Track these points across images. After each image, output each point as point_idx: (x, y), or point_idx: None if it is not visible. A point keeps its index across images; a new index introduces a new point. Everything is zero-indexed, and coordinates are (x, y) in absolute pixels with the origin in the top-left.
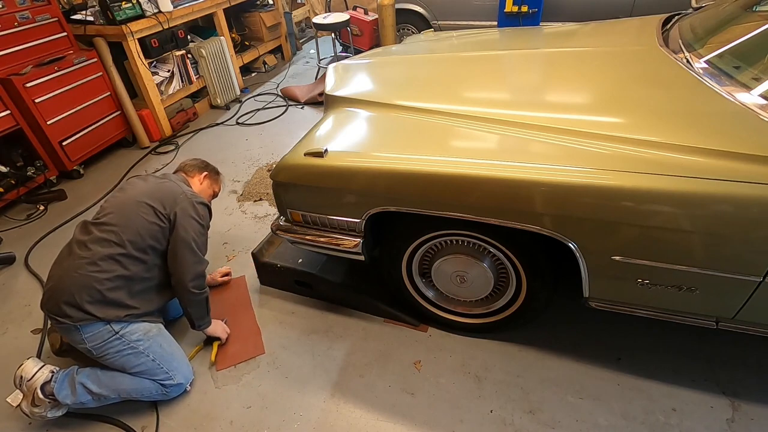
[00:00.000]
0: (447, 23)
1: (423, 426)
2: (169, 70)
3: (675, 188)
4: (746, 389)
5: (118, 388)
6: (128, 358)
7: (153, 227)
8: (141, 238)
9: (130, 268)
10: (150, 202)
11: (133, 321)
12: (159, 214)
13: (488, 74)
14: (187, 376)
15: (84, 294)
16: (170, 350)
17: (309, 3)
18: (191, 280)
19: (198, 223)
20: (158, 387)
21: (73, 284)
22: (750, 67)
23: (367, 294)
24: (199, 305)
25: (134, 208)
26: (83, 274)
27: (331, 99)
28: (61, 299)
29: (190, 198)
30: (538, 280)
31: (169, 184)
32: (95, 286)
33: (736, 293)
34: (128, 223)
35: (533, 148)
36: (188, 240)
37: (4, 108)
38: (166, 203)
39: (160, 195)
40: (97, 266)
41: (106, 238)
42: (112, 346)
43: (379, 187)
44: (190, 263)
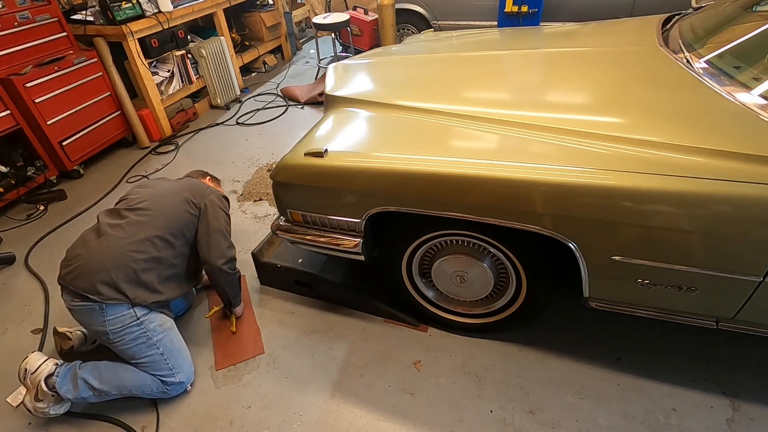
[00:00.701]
0: (447, 23)
1: (423, 426)
2: (169, 70)
3: (675, 188)
4: (746, 389)
5: (120, 384)
6: (140, 348)
7: (186, 215)
8: (175, 223)
9: (162, 252)
10: (183, 192)
11: (155, 309)
12: (191, 203)
13: (488, 74)
14: (189, 376)
15: (120, 272)
16: (178, 346)
17: (309, 3)
18: (226, 263)
19: (225, 213)
20: (159, 384)
21: (109, 262)
22: (750, 67)
23: (367, 294)
24: (234, 284)
25: (170, 197)
26: (122, 253)
27: (331, 99)
28: (96, 277)
29: (215, 192)
30: (538, 280)
31: (193, 181)
32: (131, 265)
33: (736, 293)
34: (164, 210)
35: (533, 148)
36: (220, 227)
37: (4, 108)
38: (196, 195)
39: (190, 187)
40: (135, 246)
41: (143, 221)
42: (130, 331)
43: (379, 187)
44: (224, 247)
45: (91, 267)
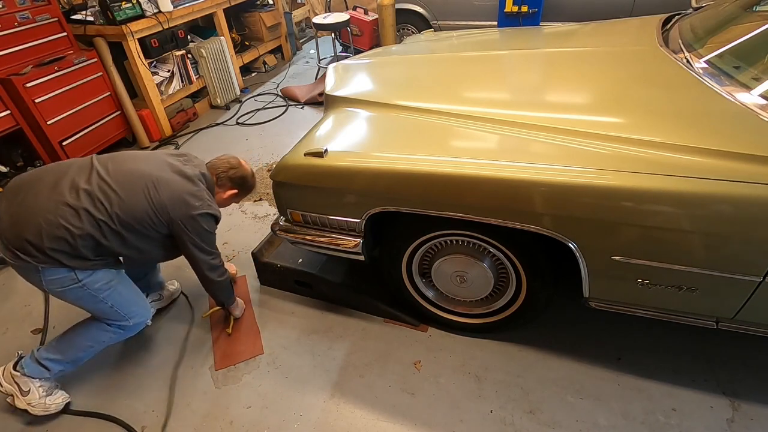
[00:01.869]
0: (447, 23)
1: (423, 426)
2: (169, 70)
3: (675, 188)
4: (746, 389)
5: (78, 346)
6: (86, 303)
7: (149, 213)
8: (133, 218)
9: (109, 239)
10: (161, 189)
11: (98, 269)
12: (161, 204)
13: (488, 74)
14: (144, 315)
15: (54, 242)
16: (129, 296)
17: (309, 3)
18: (212, 273)
19: (204, 230)
20: (114, 331)
21: (44, 225)
22: (750, 67)
23: (367, 294)
24: (224, 289)
25: (144, 187)
26: (59, 223)
27: (331, 99)
28: (26, 235)
29: (200, 208)
30: (538, 280)
31: (189, 186)
32: (66, 238)
33: (736, 293)
34: (128, 197)
35: (533, 148)
36: (200, 245)
37: (4, 108)
38: (175, 198)
39: (175, 187)
40: (78, 220)
41: (100, 199)
42: (71, 292)
43: (379, 187)
44: (207, 261)
45: (26, 223)
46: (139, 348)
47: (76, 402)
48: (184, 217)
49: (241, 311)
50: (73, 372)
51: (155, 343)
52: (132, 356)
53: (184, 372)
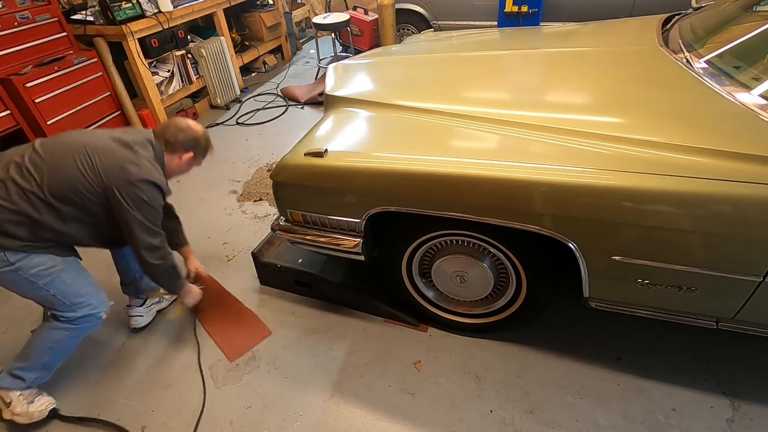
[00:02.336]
0: (447, 23)
1: (423, 426)
2: (169, 70)
3: (675, 188)
4: (746, 389)
5: (39, 349)
6: (24, 290)
7: (83, 182)
8: (65, 187)
9: (41, 213)
10: (96, 156)
11: (35, 252)
12: (97, 173)
13: (488, 74)
14: (95, 306)
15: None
16: (75, 285)
17: (309, 3)
18: (151, 255)
19: (142, 200)
20: (64, 327)
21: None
22: (750, 67)
23: (367, 294)
24: (166, 273)
25: (75, 155)
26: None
27: (331, 99)
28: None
29: (140, 174)
30: (538, 280)
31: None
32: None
33: (736, 293)
34: (59, 165)
35: (533, 148)
36: (139, 219)
37: (4, 108)
38: (110, 165)
39: (110, 153)
40: (6, 192)
41: (29, 169)
42: (4, 275)
43: (379, 187)
44: (145, 240)
45: None
46: (139, 348)
47: (76, 402)
48: (121, 184)
49: (193, 299)
50: (73, 373)
51: (155, 343)
52: (131, 356)
53: (184, 372)
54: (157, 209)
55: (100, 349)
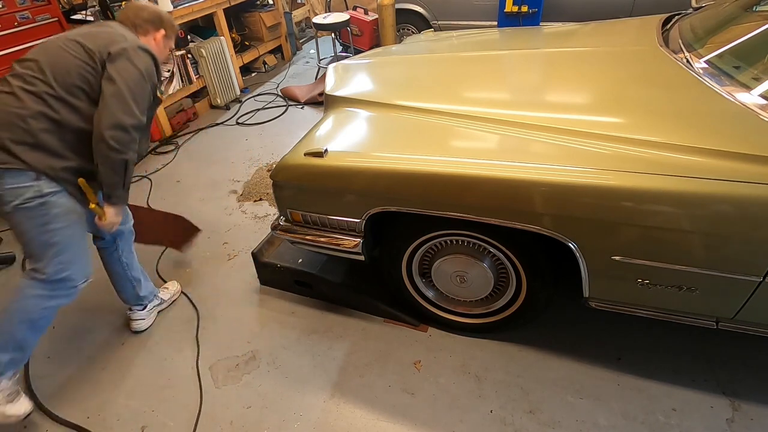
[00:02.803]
0: (447, 23)
1: (423, 426)
2: (169, 70)
3: (675, 188)
4: (746, 389)
5: (10, 323)
6: (33, 229)
7: (81, 65)
8: (68, 75)
9: (59, 111)
10: (79, 39)
11: (66, 191)
12: (89, 51)
13: (488, 74)
14: (79, 276)
15: (8, 130)
16: (75, 244)
17: (309, 3)
18: (108, 128)
19: (135, 68)
20: (39, 294)
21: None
22: (750, 67)
23: (367, 294)
24: (111, 166)
25: (60, 44)
26: (3, 110)
27: (331, 99)
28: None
29: (130, 42)
30: (538, 280)
31: (107, 29)
32: (18, 123)
33: (736, 293)
34: (53, 59)
35: (533, 148)
36: (119, 84)
37: None
38: (99, 42)
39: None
40: (17, 100)
41: (29, 74)
42: (29, 209)
43: (379, 187)
44: (113, 109)
45: None
46: (139, 348)
47: (76, 402)
48: (115, 51)
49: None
50: (73, 373)
51: (155, 343)
52: (131, 356)
53: (184, 372)
54: (146, 83)
55: (100, 350)
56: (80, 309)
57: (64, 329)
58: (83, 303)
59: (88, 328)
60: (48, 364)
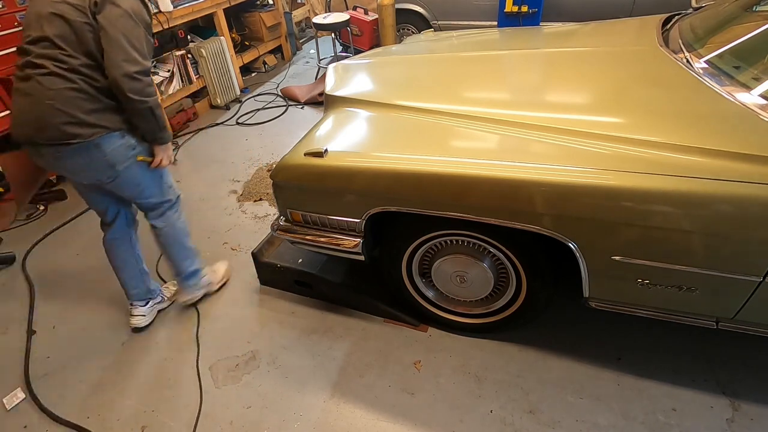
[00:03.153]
0: (447, 23)
1: (423, 426)
2: (169, 70)
3: (675, 188)
4: (746, 389)
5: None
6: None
7: (81, 25)
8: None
9: (96, 78)
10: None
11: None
12: (78, 7)
13: (488, 74)
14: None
15: (75, 109)
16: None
17: (309, 3)
18: (121, 82)
19: (122, 12)
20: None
21: (51, 104)
22: (750, 67)
23: (367, 294)
24: (140, 115)
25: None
26: (56, 90)
27: (331, 99)
28: (54, 121)
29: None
30: (538, 280)
31: None
32: (78, 97)
33: (736, 293)
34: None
35: (533, 148)
36: (112, 34)
37: (5, 108)
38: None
39: None
40: (65, 80)
41: (52, 53)
42: (134, 165)
43: (379, 187)
44: (117, 61)
45: (43, 115)
46: (139, 348)
47: (77, 402)
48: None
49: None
50: (73, 374)
51: (155, 342)
52: (132, 357)
53: (184, 372)
54: (138, 25)
55: (101, 350)
56: (80, 309)
57: (64, 329)
58: (83, 303)
59: (88, 329)
60: (48, 364)
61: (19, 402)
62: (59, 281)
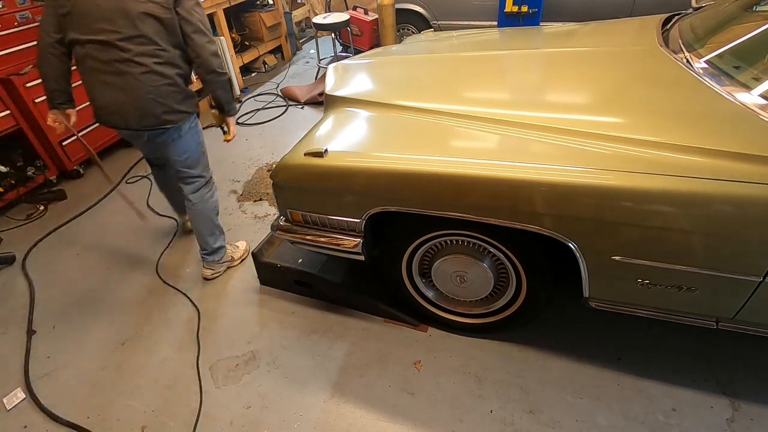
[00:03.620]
0: (447, 23)
1: (423, 426)
2: None
3: (675, 188)
4: (746, 389)
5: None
6: (197, 147)
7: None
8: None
9: (182, 67)
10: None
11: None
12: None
13: (488, 74)
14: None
15: (171, 101)
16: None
17: (309, 3)
18: (211, 61)
19: (197, 3)
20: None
21: (157, 98)
22: (750, 67)
23: (367, 294)
24: (223, 87)
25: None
26: (155, 86)
27: (331, 99)
28: (155, 111)
29: None
30: (538, 280)
31: None
32: (173, 89)
33: (736, 293)
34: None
35: (533, 148)
36: (195, 23)
37: (4, 108)
38: None
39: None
40: (160, 75)
41: (149, 50)
42: (194, 135)
43: (379, 187)
44: (206, 45)
45: (143, 105)
46: (139, 348)
47: (77, 402)
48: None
49: (234, 124)
50: (73, 374)
51: (155, 342)
52: (132, 357)
53: (184, 372)
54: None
55: (101, 350)
56: (80, 309)
57: (64, 329)
58: (83, 303)
59: (88, 329)
60: (48, 363)
61: (19, 402)
62: (59, 281)
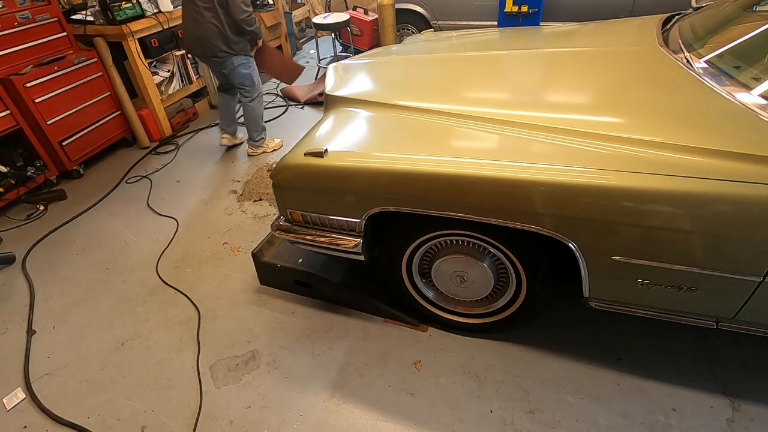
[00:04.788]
0: (447, 23)
1: (423, 426)
2: (169, 70)
3: (675, 188)
4: (746, 389)
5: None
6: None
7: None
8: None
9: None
10: None
11: None
12: None
13: (488, 74)
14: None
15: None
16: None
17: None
18: (240, 22)
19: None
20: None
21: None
22: (750, 67)
23: (367, 294)
24: (252, 34)
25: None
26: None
27: (331, 99)
28: (211, 47)
29: None
30: (538, 280)
31: None
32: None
33: (736, 293)
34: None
35: (533, 148)
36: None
37: (4, 108)
38: None
39: None
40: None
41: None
42: (246, 65)
43: (379, 187)
44: (236, 11)
45: (207, 39)
46: (139, 348)
47: (77, 402)
48: None
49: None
50: (73, 374)
51: (155, 342)
52: (131, 356)
53: (184, 372)
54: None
55: (100, 350)
56: (80, 309)
57: (64, 329)
58: (83, 303)
59: (88, 329)
60: (48, 364)
61: (19, 402)
62: (59, 281)
